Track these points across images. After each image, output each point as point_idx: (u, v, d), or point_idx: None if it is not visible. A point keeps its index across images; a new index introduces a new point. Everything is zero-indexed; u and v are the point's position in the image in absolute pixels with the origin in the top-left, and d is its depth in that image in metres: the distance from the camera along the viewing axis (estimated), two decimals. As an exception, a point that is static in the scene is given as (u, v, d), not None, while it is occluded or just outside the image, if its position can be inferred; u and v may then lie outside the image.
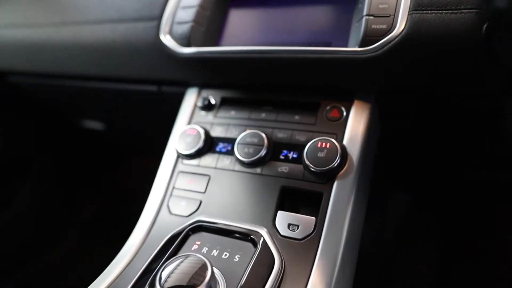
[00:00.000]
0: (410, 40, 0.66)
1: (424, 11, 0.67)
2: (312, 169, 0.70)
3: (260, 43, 0.83)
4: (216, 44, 0.87)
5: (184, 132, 0.83)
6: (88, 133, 1.42)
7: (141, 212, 0.79)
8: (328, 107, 0.77)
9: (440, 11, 0.65)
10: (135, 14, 0.92)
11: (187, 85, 0.92)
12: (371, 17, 0.70)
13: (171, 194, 0.80)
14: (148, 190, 0.82)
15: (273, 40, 0.83)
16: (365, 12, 0.71)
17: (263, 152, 0.75)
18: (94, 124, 1.34)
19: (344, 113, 0.76)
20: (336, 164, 0.69)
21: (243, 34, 0.87)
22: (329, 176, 0.70)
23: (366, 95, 0.76)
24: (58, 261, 1.63)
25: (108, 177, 1.79)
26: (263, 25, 0.87)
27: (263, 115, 0.81)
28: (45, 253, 1.62)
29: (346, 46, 0.75)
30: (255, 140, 0.76)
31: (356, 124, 0.74)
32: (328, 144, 0.71)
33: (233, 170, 0.77)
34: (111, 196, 1.76)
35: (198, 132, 0.82)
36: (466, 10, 0.64)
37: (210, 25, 0.87)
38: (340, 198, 0.68)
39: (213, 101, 0.88)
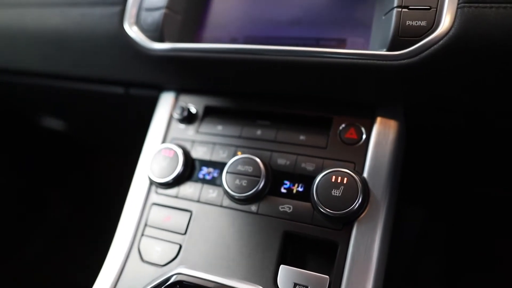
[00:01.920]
0: (460, 44, 0.49)
1: (481, 4, 0.49)
2: (324, 211, 0.54)
3: (253, 38, 0.65)
4: (196, 37, 0.68)
5: (158, 153, 0.65)
6: (49, 131, 1.21)
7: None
8: (343, 125, 0.60)
9: (505, 4, 0.48)
10: (91, -5, 0.71)
11: (161, 88, 0.73)
12: (405, 10, 0.52)
13: (142, 234, 0.63)
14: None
15: (271, 33, 0.64)
16: (396, 2, 0.53)
17: (259, 185, 0.58)
18: (53, 123, 1.14)
19: (364, 135, 0.59)
20: (356, 207, 0.53)
21: (231, 24, 0.67)
22: (346, 221, 0.54)
23: (392, 110, 0.59)
24: (25, 264, 1.48)
25: (74, 177, 1.61)
26: (257, 10, 0.67)
27: (259, 132, 0.64)
28: (12, 256, 1.47)
29: (367, 46, 0.58)
30: (249, 168, 0.59)
31: (380, 149, 0.57)
32: (345, 179, 0.54)
33: (221, 206, 0.60)
34: (78, 196, 1.59)
35: (176, 154, 0.64)
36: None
37: (188, 12, 0.67)
38: (361, 250, 0.53)
39: (194, 110, 0.69)
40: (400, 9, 0.53)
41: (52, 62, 0.79)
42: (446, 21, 0.50)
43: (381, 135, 0.58)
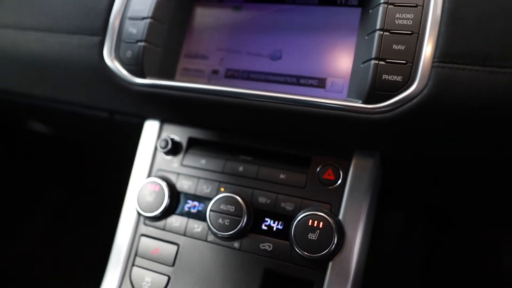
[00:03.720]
0: (433, 103, 0.50)
1: (455, 64, 0.49)
2: (300, 253, 0.57)
3: (234, 71, 0.65)
4: (178, 70, 0.68)
5: (145, 187, 0.67)
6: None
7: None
8: (321, 166, 0.62)
9: (477, 67, 0.48)
10: (70, 24, 0.69)
11: (145, 116, 0.74)
12: (382, 63, 0.53)
13: (133, 264, 0.67)
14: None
15: (251, 67, 0.65)
16: (374, 54, 0.53)
17: (241, 225, 0.61)
18: (39, 127, 1.14)
19: (341, 176, 0.61)
20: (331, 250, 0.56)
21: (212, 56, 0.67)
22: (321, 262, 0.58)
23: (369, 152, 0.61)
24: (25, 247, 1.54)
25: (69, 168, 1.63)
26: (238, 43, 0.66)
27: (241, 168, 0.66)
28: (10, 241, 1.53)
29: (346, 88, 0.58)
30: (232, 208, 0.62)
31: (356, 191, 0.60)
32: (321, 223, 0.57)
33: (206, 241, 0.64)
34: (74, 183, 1.62)
35: (162, 188, 0.66)
36: (515, 69, 0.47)
37: (168, 44, 0.67)
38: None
39: (177, 139, 0.71)
40: (377, 61, 0.53)
41: (33, 85, 0.78)
42: (420, 79, 0.51)
43: (357, 178, 0.60)
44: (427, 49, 0.51)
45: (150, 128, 0.73)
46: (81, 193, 1.57)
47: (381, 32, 0.54)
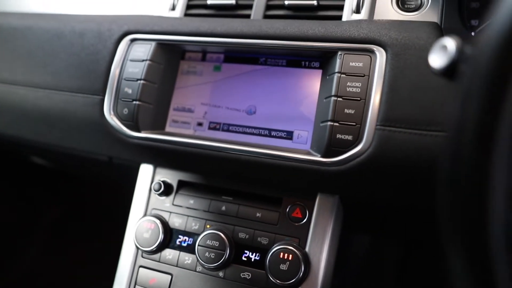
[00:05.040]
0: (377, 158, 0.62)
1: (393, 128, 0.61)
2: (274, 281, 0.69)
3: (215, 124, 0.76)
4: (168, 123, 0.79)
5: (141, 225, 0.78)
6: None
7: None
8: (290, 206, 0.73)
9: (409, 130, 0.60)
10: (73, 84, 0.81)
11: (140, 162, 0.85)
12: (336, 124, 0.64)
13: (134, 293, 0.78)
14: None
15: (230, 121, 0.76)
16: (330, 116, 0.65)
17: (224, 257, 0.72)
18: (41, 161, 1.24)
19: (307, 214, 0.72)
20: (299, 277, 0.68)
21: (196, 111, 0.78)
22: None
23: (329, 194, 0.72)
24: (25, 268, 1.62)
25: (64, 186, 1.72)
26: (219, 98, 0.77)
27: (224, 208, 0.77)
28: (10, 262, 1.61)
29: (309, 140, 0.70)
30: (216, 243, 0.73)
31: (319, 227, 0.71)
32: (290, 256, 0.69)
33: (195, 271, 0.75)
34: (70, 200, 1.71)
35: (157, 226, 0.77)
36: (436, 132, 0.59)
37: (159, 101, 0.78)
38: (304, 310, 0.69)
39: (169, 182, 0.82)
40: (333, 123, 0.64)
41: (40, 134, 0.89)
42: (366, 139, 0.62)
43: (320, 216, 0.72)
44: (372, 114, 0.62)
45: (145, 172, 0.83)
46: (80, 213, 1.66)
47: (335, 98, 0.65)
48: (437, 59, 0.44)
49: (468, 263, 0.32)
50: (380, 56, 0.64)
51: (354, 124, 0.63)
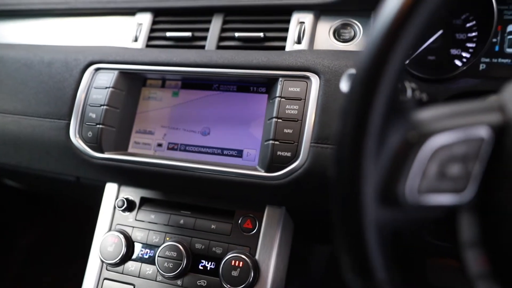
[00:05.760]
0: (311, 172, 0.70)
1: (324, 145, 0.70)
2: (226, 287, 0.75)
3: (174, 144, 0.83)
4: (130, 144, 0.86)
5: (106, 239, 0.84)
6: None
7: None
8: (242, 217, 0.81)
9: (332, 145, 0.68)
10: (41, 110, 0.87)
11: (105, 181, 0.91)
12: (277, 143, 0.72)
13: (99, 304, 0.83)
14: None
15: (187, 141, 0.83)
16: (271, 135, 0.73)
17: (182, 267, 0.78)
18: (10, 182, 1.28)
19: (257, 224, 0.80)
20: (249, 283, 0.75)
21: (156, 132, 0.85)
22: (243, 292, 0.76)
23: (277, 206, 0.80)
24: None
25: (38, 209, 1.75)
26: (177, 121, 0.85)
27: (182, 221, 0.84)
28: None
29: (257, 158, 0.78)
30: (174, 254, 0.79)
31: (268, 236, 0.79)
32: (241, 263, 0.75)
33: (156, 281, 0.81)
34: (44, 223, 1.74)
35: (120, 240, 0.83)
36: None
37: (121, 125, 0.85)
38: (254, 313, 0.75)
39: (132, 199, 0.88)
40: (274, 142, 0.73)
41: (10, 157, 0.94)
42: (303, 155, 0.70)
43: (268, 226, 0.79)
44: (307, 133, 0.71)
45: (110, 190, 0.90)
46: (54, 236, 1.69)
47: (276, 119, 0.74)
48: (343, 85, 0.53)
49: (348, 253, 0.40)
50: (315, 82, 0.74)
51: (292, 142, 0.72)
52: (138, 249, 0.84)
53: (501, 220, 0.41)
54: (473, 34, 0.88)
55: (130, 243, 0.84)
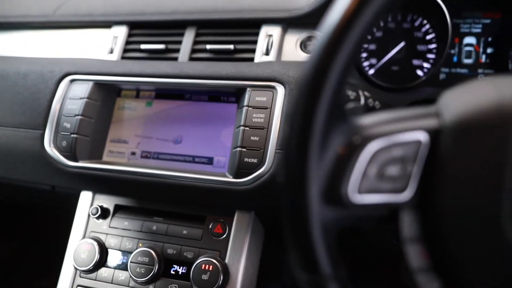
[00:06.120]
0: (275, 178, 0.73)
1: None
2: (197, 291, 0.78)
3: (147, 153, 0.86)
4: (104, 153, 0.88)
5: (79, 247, 0.85)
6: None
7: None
8: (212, 223, 0.83)
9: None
10: (16, 120, 0.89)
11: (80, 189, 0.93)
12: (244, 150, 0.76)
13: (72, 311, 0.84)
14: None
15: (160, 150, 0.86)
16: (239, 143, 0.76)
17: (154, 272, 0.80)
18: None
19: (227, 229, 0.82)
20: (218, 286, 0.77)
21: (130, 141, 0.88)
22: (213, 295, 0.78)
23: (246, 210, 0.83)
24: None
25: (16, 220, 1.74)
26: (150, 130, 0.88)
27: (154, 227, 0.86)
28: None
29: (227, 164, 0.81)
30: (146, 259, 0.81)
31: (238, 240, 0.81)
32: (211, 267, 0.78)
33: (128, 286, 0.83)
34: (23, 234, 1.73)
35: (93, 247, 0.85)
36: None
37: (95, 134, 0.87)
38: (224, 316, 0.77)
39: (106, 206, 0.90)
40: (241, 149, 0.76)
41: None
42: (268, 162, 0.74)
43: (238, 230, 0.82)
44: (273, 140, 0.74)
45: (85, 198, 0.92)
46: (30, 249, 1.68)
47: (244, 127, 0.77)
48: None
49: (296, 251, 0.43)
50: (281, 92, 0.77)
51: (259, 149, 0.75)
52: (111, 256, 0.86)
53: (439, 217, 0.44)
54: (433, 46, 0.93)
55: (103, 250, 0.85)
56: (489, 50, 0.93)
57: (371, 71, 0.96)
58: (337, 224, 0.46)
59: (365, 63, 0.96)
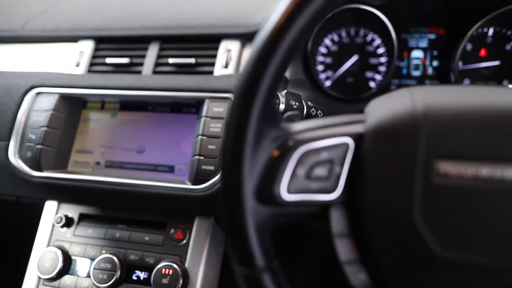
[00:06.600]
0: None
1: (242, 159, 0.77)
2: (157, 295, 0.80)
3: (111, 163, 0.89)
4: (69, 163, 0.91)
5: (43, 255, 0.87)
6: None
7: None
8: (173, 229, 0.86)
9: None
10: (-20, 131, 0.91)
11: (45, 199, 0.95)
12: (202, 158, 0.79)
13: (35, 319, 0.86)
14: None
15: (123, 159, 0.89)
16: (197, 151, 0.80)
17: (116, 277, 0.83)
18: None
19: (187, 235, 0.85)
20: (178, 290, 0.80)
21: (96, 151, 0.91)
22: (173, 299, 0.81)
23: (206, 217, 0.86)
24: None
25: None
26: (115, 140, 0.91)
27: (118, 234, 0.88)
28: None
29: (187, 173, 0.84)
30: (109, 265, 0.84)
31: (197, 245, 0.85)
32: (171, 271, 0.81)
33: (91, 293, 0.85)
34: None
35: (57, 255, 0.87)
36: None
37: (60, 145, 0.90)
38: (183, 319, 0.80)
39: (71, 215, 0.92)
40: (199, 157, 0.80)
41: None
42: (224, 168, 0.77)
43: (197, 236, 0.85)
44: (229, 148, 0.78)
45: (49, 208, 0.94)
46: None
47: (201, 137, 0.81)
48: None
49: (233, 246, 0.47)
50: (237, 103, 0.82)
51: (216, 157, 0.79)
52: (75, 264, 0.88)
53: (363, 214, 0.49)
54: (384, 59, 1.00)
55: (67, 258, 0.87)
56: (435, 63, 1.00)
57: (328, 83, 1.02)
58: (271, 221, 0.50)
59: (322, 75, 1.02)
